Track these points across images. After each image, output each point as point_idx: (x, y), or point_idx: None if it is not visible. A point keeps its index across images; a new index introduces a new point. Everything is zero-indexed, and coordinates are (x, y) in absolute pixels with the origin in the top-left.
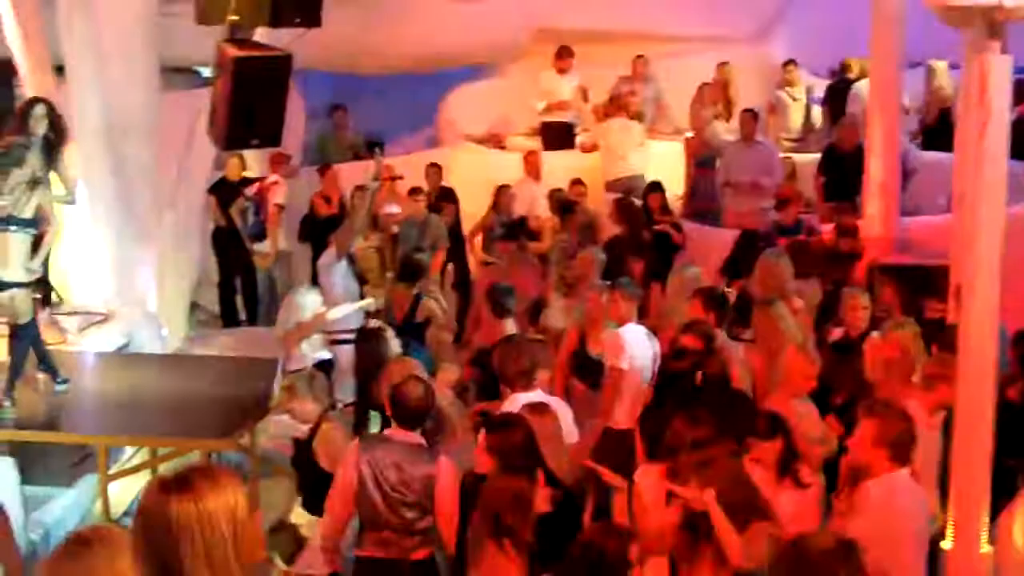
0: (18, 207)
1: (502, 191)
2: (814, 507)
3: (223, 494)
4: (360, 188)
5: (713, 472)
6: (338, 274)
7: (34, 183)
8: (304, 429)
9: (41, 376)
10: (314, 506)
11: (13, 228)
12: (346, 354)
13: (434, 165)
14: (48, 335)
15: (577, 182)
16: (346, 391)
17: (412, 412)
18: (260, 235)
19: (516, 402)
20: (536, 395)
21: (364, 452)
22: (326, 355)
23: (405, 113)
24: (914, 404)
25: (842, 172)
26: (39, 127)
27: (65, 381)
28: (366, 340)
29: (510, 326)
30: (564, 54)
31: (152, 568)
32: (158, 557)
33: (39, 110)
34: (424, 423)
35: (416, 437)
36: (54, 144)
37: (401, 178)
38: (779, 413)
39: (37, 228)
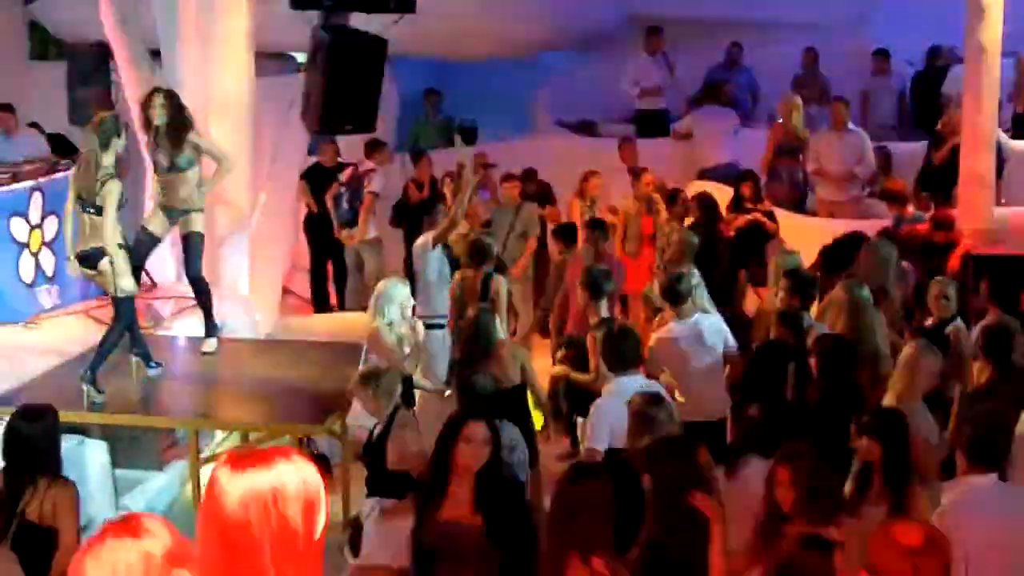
0: (92, 193)
1: (589, 177)
2: None
3: (294, 473)
4: (452, 175)
5: None
6: (433, 260)
7: (109, 175)
8: (374, 424)
9: (134, 360)
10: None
11: (91, 210)
12: (438, 339)
13: (529, 171)
14: (141, 319)
15: (593, 173)
16: (438, 376)
17: None
18: (352, 222)
19: (622, 387)
20: (639, 379)
21: None
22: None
23: (498, 100)
24: None
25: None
26: (159, 117)
27: (158, 365)
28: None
29: (603, 309)
30: (654, 36)
31: (216, 545)
32: (223, 534)
33: (158, 99)
34: None
35: None
36: (179, 130)
37: (494, 165)
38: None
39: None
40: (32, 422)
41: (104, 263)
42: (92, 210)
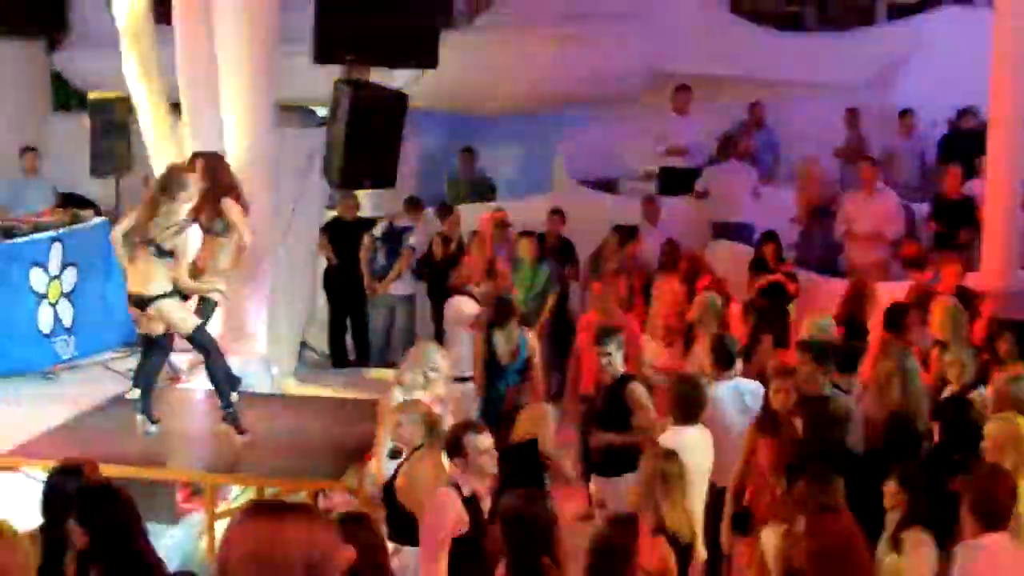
0: (162, 236)
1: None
2: None
3: (304, 527)
4: (477, 232)
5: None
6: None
7: (181, 223)
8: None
9: (139, 417)
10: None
11: (152, 251)
12: (468, 394)
13: (555, 211)
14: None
15: (556, 211)
16: None
17: None
18: (386, 276)
19: (680, 435)
20: (698, 430)
21: None
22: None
23: (519, 156)
24: None
25: (952, 220)
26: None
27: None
28: None
29: (620, 364)
30: (682, 94)
31: None
32: None
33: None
34: None
35: None
36: (216, 194)
37: (509, 224)
38: None
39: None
40: (72, 477)
41: (160, 305)
42: (153, 250)
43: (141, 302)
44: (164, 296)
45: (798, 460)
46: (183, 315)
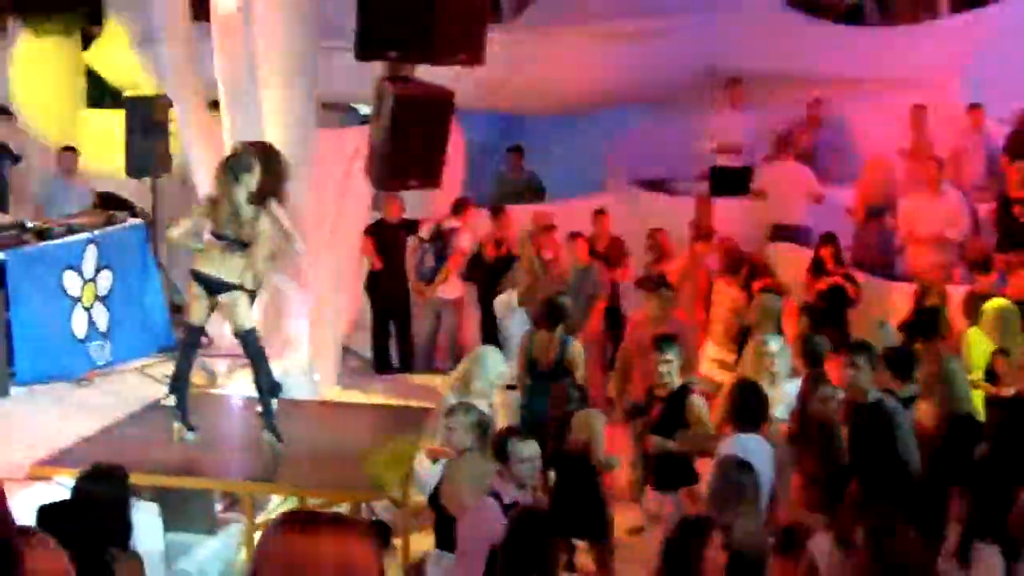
0: (245, 232)
1: (654, 235)
2: None
3: (339, 538)
4: (525, 235)
5: None
6: (516, 320)
7: (258, 209)
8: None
9: (176, 424)
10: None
11: (234, 248)
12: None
13: (601, 212)
14: (196, 377)
15: (601, 212)
16: None
17: None
18: (433, 279)
19: (736, 444)
20: (758, 439)
21: None
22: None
23: (568, 155)
24: None
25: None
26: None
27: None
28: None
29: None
30: (735, 88)
31: None
32: None
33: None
34: None
35: None
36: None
37: (553, 227)
38: None
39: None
40: (102, 483)
41: (227, 297)
42: (229, 243)
43: (215, 286)
44: (238, 288)
45: (842, 470)
46: (247, 311)
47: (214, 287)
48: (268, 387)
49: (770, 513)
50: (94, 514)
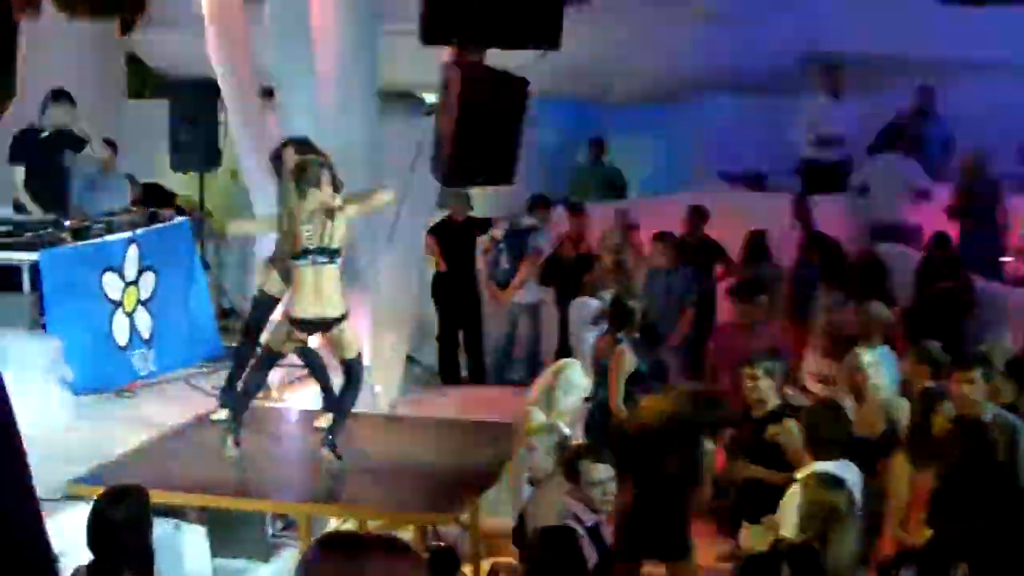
0: (324, 237)
1: (758, 237)
2: None
3: (387, 564)
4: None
5: None
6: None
7: (330, 211)
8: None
9: (229, 439)
10: None
11: (323, 260)
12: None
13: (695, 208)
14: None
15: (696, 210)
16: None
17: None
18: (508, 283)
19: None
20: (839, 466)
21: None
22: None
23: (653, 148)
24: None
25: None
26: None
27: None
28: None
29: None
30: (835, 75)
31: None
32: None
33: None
34: None
35: None
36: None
37: (636, 227)
38: None
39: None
40: (117, 506)
41: (335, 331)
42: (310, 257)
43: (321, 327)
44: (344, 318)
45: (950, 493)
46: (354, 336)
47: (317, 329)
48: (349, 407)
49: (868, 544)
50: (110, 537)
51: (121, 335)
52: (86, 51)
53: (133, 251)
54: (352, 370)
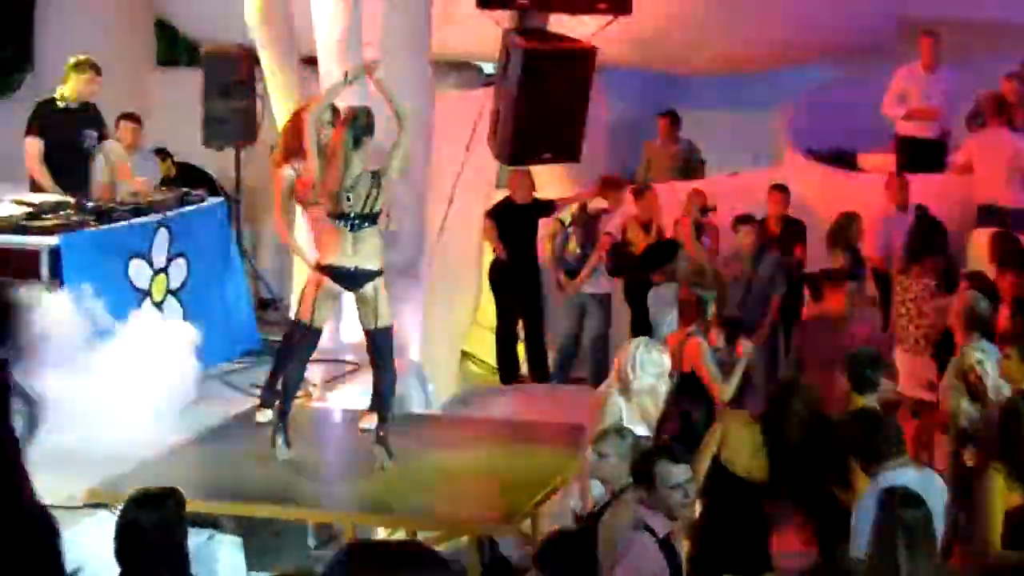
0: (367, 203)
1: (849, 220)
2: None
3: None
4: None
5: None
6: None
7: (377, 176)
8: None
9: (279, 439)
10: None
11: (365, 225)
12: None
13: (778, 188)
14: None
15: (778, 188)
16: None
17: None
18: (578, 270)
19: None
20: (922, 478)
21: None
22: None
23: (732, 122)
24: None
25: None
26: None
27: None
28: None
29: (871, 400)
30: (931, 42)
31: None
32: None
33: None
34: None
35: None
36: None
37: (712, 208)
38: None
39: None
40: (150, 510)
41: (370, 288)
42: (349, 223)
43: (354, 279)
44: (379, 274)
45: None
46: (387, 303)
47: (353, 281)
48: (391, 393)
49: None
50: (140, 546)
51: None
52: (111, 14)
53: (163, 236)
54: (380, 346)
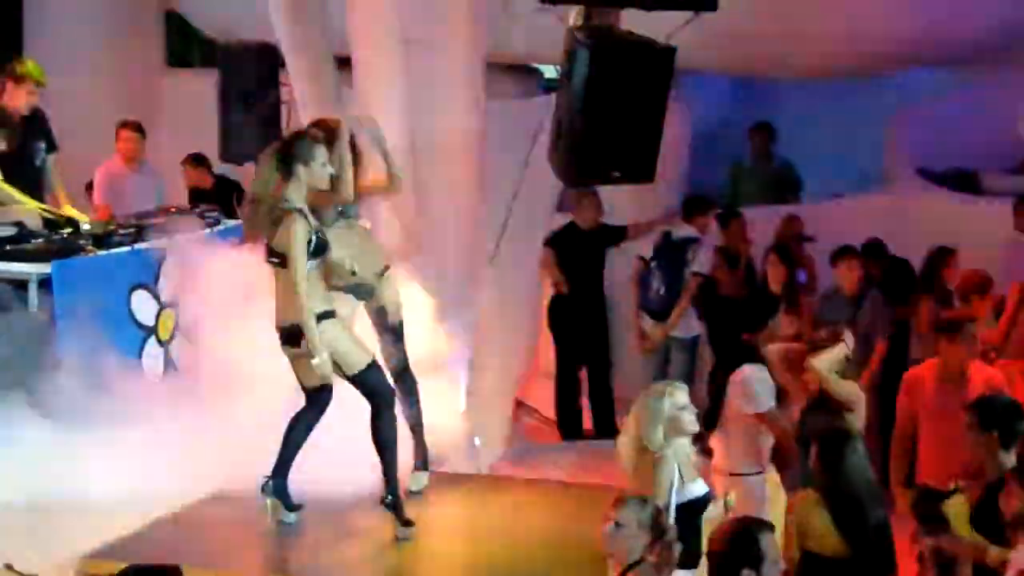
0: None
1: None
2: None
3: None
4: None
5: None
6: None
7: (289, 208)
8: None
9: (269, 501)
10: None
11: (274, 261)
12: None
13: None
14: None
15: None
16: None
17: None
18: (664, 312)
19: None
20: None
21: None
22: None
23: (833, 137)
24: None
25: None
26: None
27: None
28: None
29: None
30: None
31: None
32: None
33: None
34: None
35: None
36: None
37: (812, 239)
38: None
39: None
40: None
41: (329, 329)
42: (276, 260)
43: (293, 335)
44: (326, 316)
45: None
46: (353, 345)
47: (295, 338)
48: (394, 446)
49: None
50: None
51: (153, 370)
52: (114, 8)
53: (171, 264)
54: (367, 385)
